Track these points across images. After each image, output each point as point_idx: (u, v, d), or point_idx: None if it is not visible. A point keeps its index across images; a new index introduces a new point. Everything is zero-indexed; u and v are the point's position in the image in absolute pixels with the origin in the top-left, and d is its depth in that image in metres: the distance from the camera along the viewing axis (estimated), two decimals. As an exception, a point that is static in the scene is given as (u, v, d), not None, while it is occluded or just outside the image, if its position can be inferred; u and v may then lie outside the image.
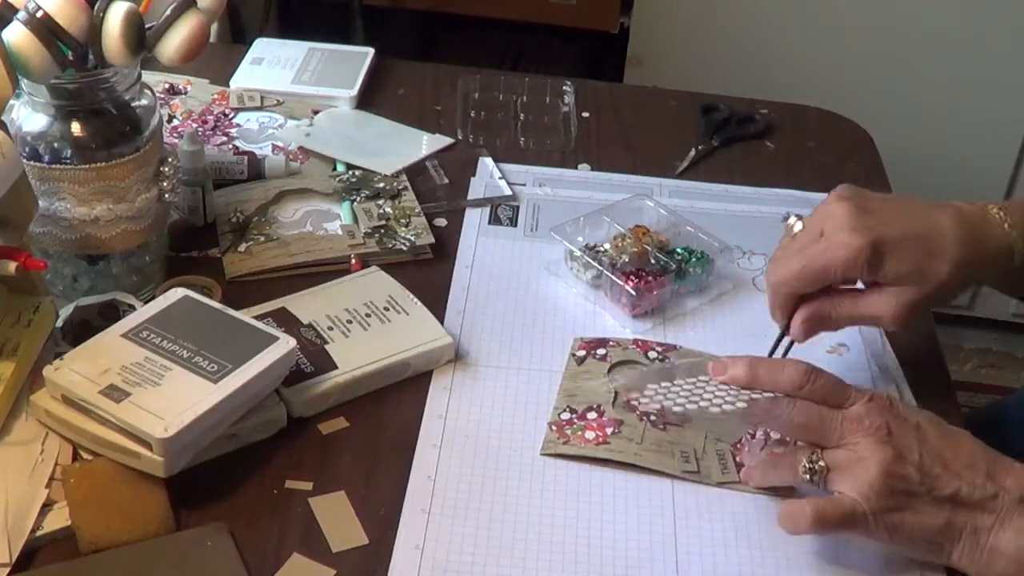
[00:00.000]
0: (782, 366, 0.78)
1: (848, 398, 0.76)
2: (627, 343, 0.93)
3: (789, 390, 0.77)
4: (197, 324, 0.83)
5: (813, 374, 0.76)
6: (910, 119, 2.01)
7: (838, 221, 0.83)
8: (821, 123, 1.28)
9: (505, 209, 1.10)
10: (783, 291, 0.84)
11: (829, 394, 0.76)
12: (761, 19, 2.00)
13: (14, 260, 0.80)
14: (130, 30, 0.82)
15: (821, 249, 0.83)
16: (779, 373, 0.77)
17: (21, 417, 0.81)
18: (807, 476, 0.75)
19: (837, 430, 0.75)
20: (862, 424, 0.74)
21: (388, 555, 0.75)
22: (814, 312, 0.84)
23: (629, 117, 1.26)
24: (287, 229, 1.03)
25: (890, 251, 0.81)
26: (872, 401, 0.76)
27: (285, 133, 1.17)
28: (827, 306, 0.84)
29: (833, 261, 0.82)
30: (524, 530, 0.78)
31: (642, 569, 0.76)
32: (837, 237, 0.82)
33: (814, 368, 0.77)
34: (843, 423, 0.75)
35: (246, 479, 0.80)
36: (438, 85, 1.29)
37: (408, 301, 0.93)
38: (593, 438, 0.84)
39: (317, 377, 0.85)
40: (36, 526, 0.74)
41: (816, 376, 0.76)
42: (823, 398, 0.76)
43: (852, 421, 0.75)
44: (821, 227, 0.84)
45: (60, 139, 0.86)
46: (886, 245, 0.81)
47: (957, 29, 1.96)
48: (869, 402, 0.75)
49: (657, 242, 1.00)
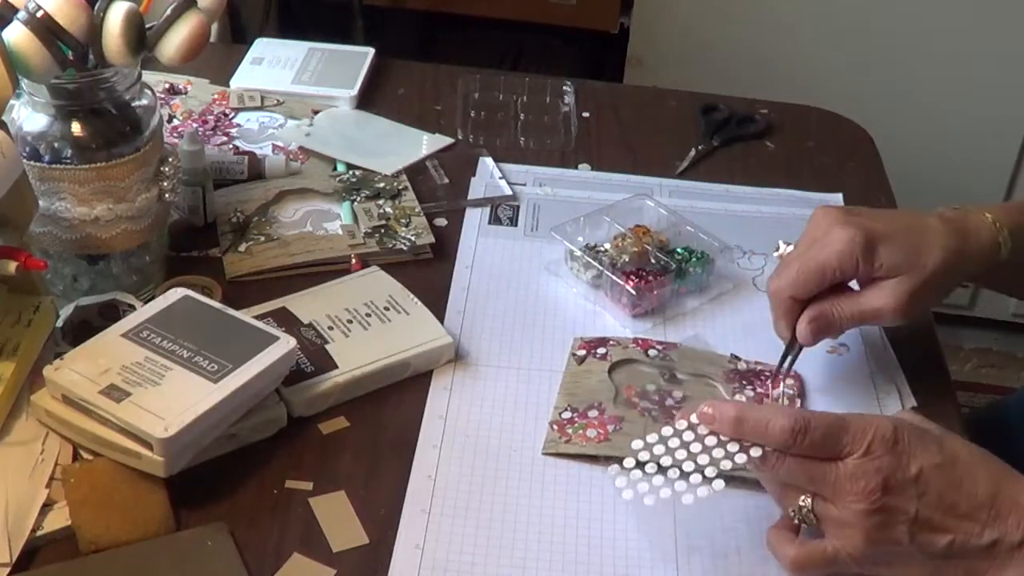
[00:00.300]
0: (768, 420, 0.71)
1: (843, 448, 0.70)
2: (627, 342, 0.93)
3: (777, 447, 0.71)
4: (197, 324, 0.83)
5: (801, 433, 0.70)
6: (910, 119, 2.01)
7: (827, 221, 0.85)
8: (821, 123, 1.28)
9: (505, 209, 1.10)
10: (784, 296, 0.85)
11: (821, 448, 0.70)
12: (761, 19, 2.00)
13: (14, 260, 0.80)
14: (130, 30, 0.82)
15: (815, 249, 0.84)
16: (766, 428, 0.71)
17: (21, 417, 0.81)
18: (795, 519, 0.73)
19: (828, 488, 0.70)
20: (856, 485, 0.69)
21: (388, 555, 0.75)
22: (818, 313, 0.85)
23: (629, 117, 1.26)
24: (287, 229, 1.03)
25: (882, 241, 0.83)
26: (869, 453, 0.69)
27: (285, 133, 1.17)
28: (829, 307, 0.85)
29: (828, 257, 0.83)
30: (524, 530, 0.78)
31: (642, 569, 0.76)
32: (829, 235, 0.84)
33: (804, 422, 0.70)
34: (835, 483, 0.70)
35: (246, 479, 0.80)
36: (438, 85, 1.29)
37: (408, 301, 0.93)
38: (594, 436, 0.84)
39: (317, 377, 0.85)
40: (36, 526, 0.74)
41: (804, 434, 0.70)
42: (815, 453, 0.71)
43: (846, 481, 0.70)
44: (812, 235, 0.85)
45: (60, 139, 0.86)
46: (877, 236, 0.83)
47: (957, 29, 1.96)
48: (866, 455, 0.69)
49: (657, 242, 1.00)
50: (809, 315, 0.85)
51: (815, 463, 0.71)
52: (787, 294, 0.85)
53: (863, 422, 0.71)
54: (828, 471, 0.70)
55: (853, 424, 0.71)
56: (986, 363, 2.28)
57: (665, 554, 0.77)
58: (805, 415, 0.71)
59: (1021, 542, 0.70)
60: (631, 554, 0.77)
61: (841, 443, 0.70)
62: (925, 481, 0.70)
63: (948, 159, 2.04)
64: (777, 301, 0.86)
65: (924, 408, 0.89)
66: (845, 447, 0.70)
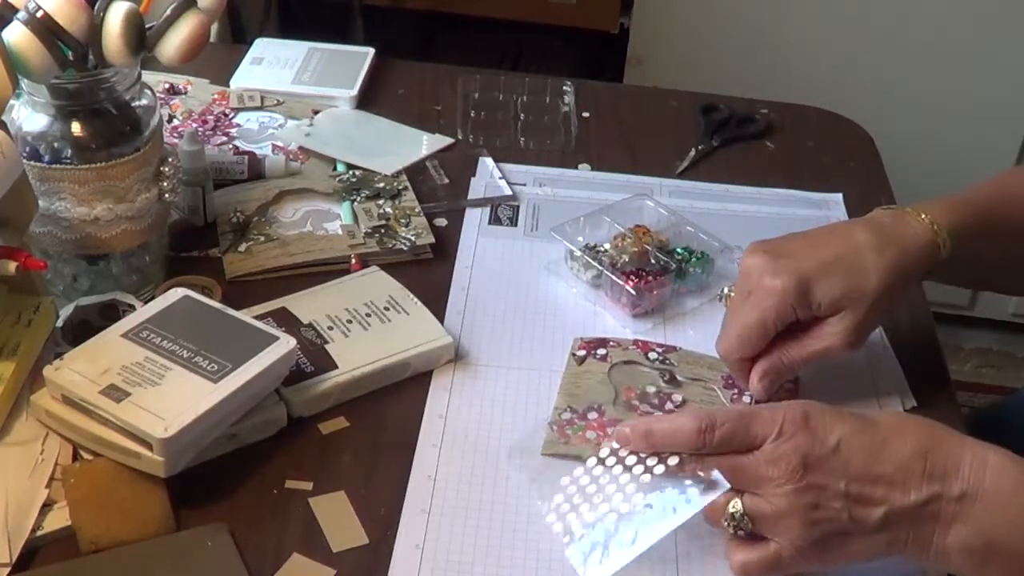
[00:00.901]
0: (676, 427, 0.72)
1: (755, 437, 0.71)
2: (627, 343, 0.93)
3: (690, 450, 0.72)
4: (197, 324, 0.83)
5: (708, 431, 0.71)
6: (910, 119, 2.01)
7: (756, 272, 0.84)
8: (821, 123, 1.28)
9: (505, 209, 1.10)
10: (732, 359, 0.86)
11: (732, 442, 0.71)
12: (761, 19, 2.00)
13: (14, 260, 0.80)
14: (130, 30, 0.82)
15: (750, 306, 0.84)
16: (674, 435, 0.72)
17: (21, 417, 0.81)
18: (731, 529, 0.72)
19: (751, 479, 0.70)
20: (777, 468, 0.69)
21: (388, 555, 0.75)
22: (768, 367, 0.85)
23: (629, 117, 1.26)
24: (287, 229, 1.03)
25: (815, 283, 0.83)
26: (782, 435, 0.70)
27: (285, 133, 1.17)
28: (777, 358, 0.85)
29: (764, 311, 0.83)
30: (524, 530, 0.78)
31: (642, 569, 0.76)
32: (760, 288, 0.83)
33: (710, 420, 0.71)
34: (756, 470, 0.70)
35: (246, 479, 0.80)
36: (438, 85, 1.29)
37: (408, 301, 0.93)
38: (594, 438, 0.84)
39: (317, 377, 0.85)
40: (36, 526, 0.74)
41: (711, 431, 0.71)
42: (728, 449, 0.71)
43: (765, 466, 0.70)
44: (746, 288, 0.85)
45: (60, 139, 0.86)
46: (809, 279, 0.83)
47: (957, 29, 1.96)
48: (779, 437, 0.70)
49: (657, 242, 1.00)
50: (759, 372, 0.85)
51: (732, 457, 0.71)
52: (735, 356, 0.85)
53: (771, 410, 0.72)
54: (746, 461, 0.70)
55: (762, 413, 0.71)
56: (986, 363, 2.29)
57: (664, 554, 0.77)
58: (711, 413, 0.72)
59: (961, 495, 0.69)
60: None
61: (751, 432, 0.71)
62: (846, 450, 0.70)
63: (948, 159, 2.04)
64: (729, 363, 0.87)
65: (924, 408, 0.89)
66: (757, 436, 0.71)
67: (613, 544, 0.73)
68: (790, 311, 0.83)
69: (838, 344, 0.84)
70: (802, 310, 0.83)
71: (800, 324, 0.85)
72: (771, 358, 0.85)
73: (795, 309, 0.83)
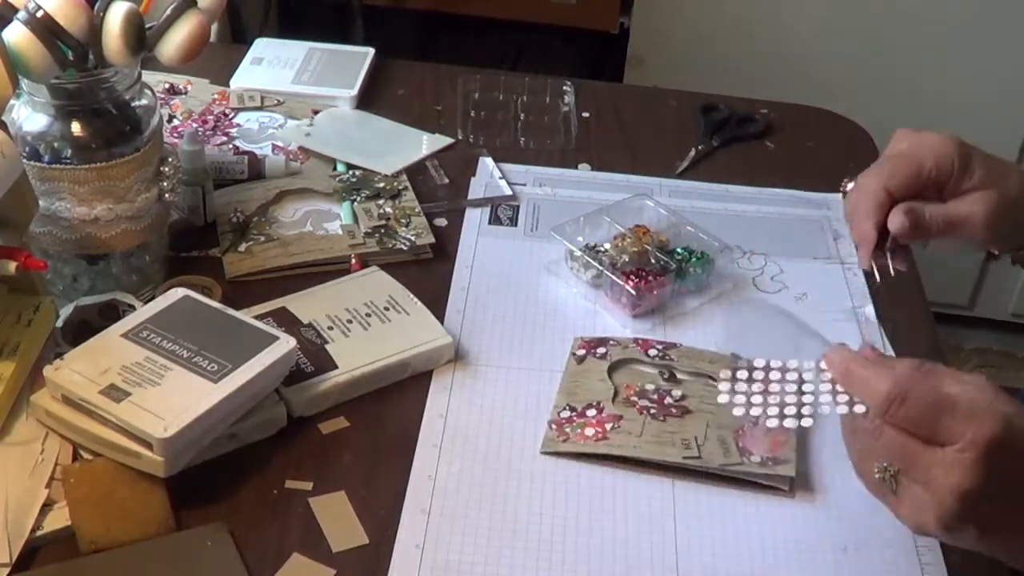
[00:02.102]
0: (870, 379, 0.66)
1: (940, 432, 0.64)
2: (627, 342, 0.93)
3: (874, 410, 0.66)
4: (197, 324, 0.83)
5: (897, 402, 0.65)
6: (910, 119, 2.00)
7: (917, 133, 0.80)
8: (821, 123, 1.29)
9: (505, 209, 1.10)
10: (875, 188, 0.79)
11: (917, 424, 0.65)
12: (761, 19, 2.00)
13: (14, 260, 0.80)
14: (130, 30, 0.82)
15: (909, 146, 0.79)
16: (867, 387, 0.67)
17: (21, 417, 0.81)
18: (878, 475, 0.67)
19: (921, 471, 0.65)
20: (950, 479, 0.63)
21: (388, 555, 0.75)
22: (911, 207, 0.78)
23: (629, 117, 1.26)
24: (287, 229, 1.03)
25: (973, 153, 0.80)
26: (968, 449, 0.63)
27: (285, 133, 1.17)
28: (920, 206, 0.78)
29: (925, 156, 0.78)
30: (524, 530, 0.78)
31: (642, 569, 0.76)
32: (923, 139, 0.79)
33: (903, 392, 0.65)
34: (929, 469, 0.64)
35: (246, 479, 0.80)
36: (438, 85, 1.29)
37: (408, 301, 0.93)
38: (592, 435, 0.84)
39: (317, 377, 0.85)
40: (36, 526, 0.74)
41: (900, 404, 0.65)
42: (911, 428, 0.65)
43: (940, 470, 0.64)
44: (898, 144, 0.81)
45: (60, 139, 0.86)
46: (969, 147, 0.80)
47: (957, 29, 1.96)
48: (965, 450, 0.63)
49: (657, 242, 1.00)
50: (903, 208, 0.78)
51: (912, 441, 0.65)
52: (880, 185, 0.78)
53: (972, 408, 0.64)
54: (923, 456, 0.65)
55: (961, 408, 0.64)
56: (986, 363, 2.28)
57: (664, 554, 0.77)
58: (907, 385, 0.65)
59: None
60: (631, 553, 0.77)
61: (941, 426, 0.64)
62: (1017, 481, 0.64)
63: (948, 159, 2.04)
64: (866, 195, 0.79)
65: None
66: (941, 431, 0.64)
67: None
68: (950, 166, 0.78)
69: (981, 216, 0.79)
70: (959, 172, 0.78)
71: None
72: (914, 203, 0.78)
73: (954, 167, 0.78)
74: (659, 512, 0.80)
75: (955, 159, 0.79)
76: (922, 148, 0.79)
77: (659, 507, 0.80)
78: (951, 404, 0.64)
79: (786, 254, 1.06)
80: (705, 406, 0.86)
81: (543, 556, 0.76)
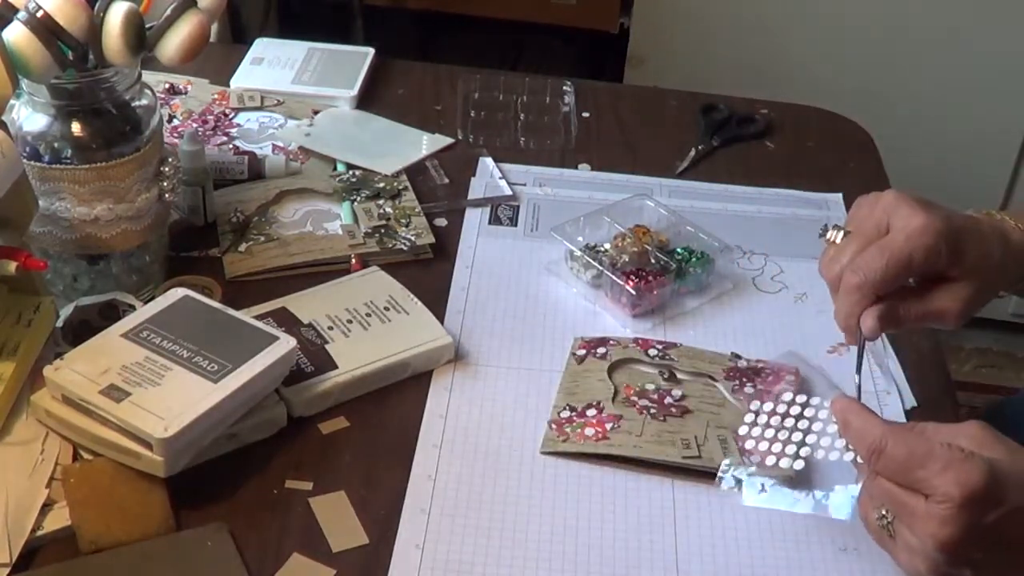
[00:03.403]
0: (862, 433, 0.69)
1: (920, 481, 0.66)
2: (627, 341, 0.93)
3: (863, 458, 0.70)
4: (197, 324, 0.83)
5: (876, 455, 0.68)
6: (910, 120, 2.01)
7: (908, 209, 0.76)
8: (821, 123, 1.29)
9: (505, 209, 1.10)
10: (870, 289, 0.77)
11: (897, 475, 0.67)
12: (761, 19, 2.00)
13: (14, 260, 0.80)
14: (130, 30, 0.82)
15: (901, 239, 0.76)
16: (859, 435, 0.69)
17: (21, 417, 0.81)
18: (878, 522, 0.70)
19: (907, 518, 0.67)
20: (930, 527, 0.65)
21: (388, 555, 0.75)
22: (887, 310, 0.77)
23: (629, 117, 1.26)
24: (287, 229, 1.03)
25: (964, 238, 0.77)
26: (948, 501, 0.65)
27: (285, 133, 1.17)
28: (898, 305, 0.78)
29: (915, 250, 0.75)
30: (524, 530, 0.78)
31: (642, 569, 0.76)
32: (913, 223, 0.76)
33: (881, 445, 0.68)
34: (913, 515, 0.67)
35: (246, 479, 0.80)
36: (438, 85, 1.29)
37: (408, 301, 0.93)
38: (592, 435, 0.84)
39: (317, 377, 0.85)
40: (36, 526, 0.74)
41: (878, 456, 0.68)
42: (894, 478, 0.68)
43: (925, 519, 0.66)
44: (884, 220, 0.78)
45: (60, 139, 0.86)
46: (960, 231, 0.76)
47: (957, 29, 1.96)
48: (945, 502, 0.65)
49: (657, 242, 1.00)
50: (876, 313, 0.77)
51: (898, 490, 0.68)
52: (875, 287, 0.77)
53: (948, 459, 0.66)
54: (909, 503, 0.67)
55: (936, 460, 0.66)
56: (986, 363, 2.28)
57: (665, 554, 0.77)
58: (884, 438, 0.68)
59: None
60: (631, 554, 0.77)
61: (916, 477, 0.66)
62: (1001, 529, 0.66)
63: (948, 159, 2.04)
64: (858, 294, 0.77)
65: (924, 408, 0.89)
66: (921, 484, 0.66)
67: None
68: (937, 257, 0.76)
69: (956, 311, 0.78)
70: (948, 259, 0.76)
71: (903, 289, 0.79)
72: (892, 303, 0.77)
73: (943, 257, 0.76)
74: (659, 512, 0.80)
75: (943, 251, 0.76)
76: (912, 241, 0.75)
77: (659, 507, 0.80)
78: (925, 456, 0.66)
79: (786, 254, 1.05)
80: (705, 406, 0.86)
81: (543, 556, 0.76)
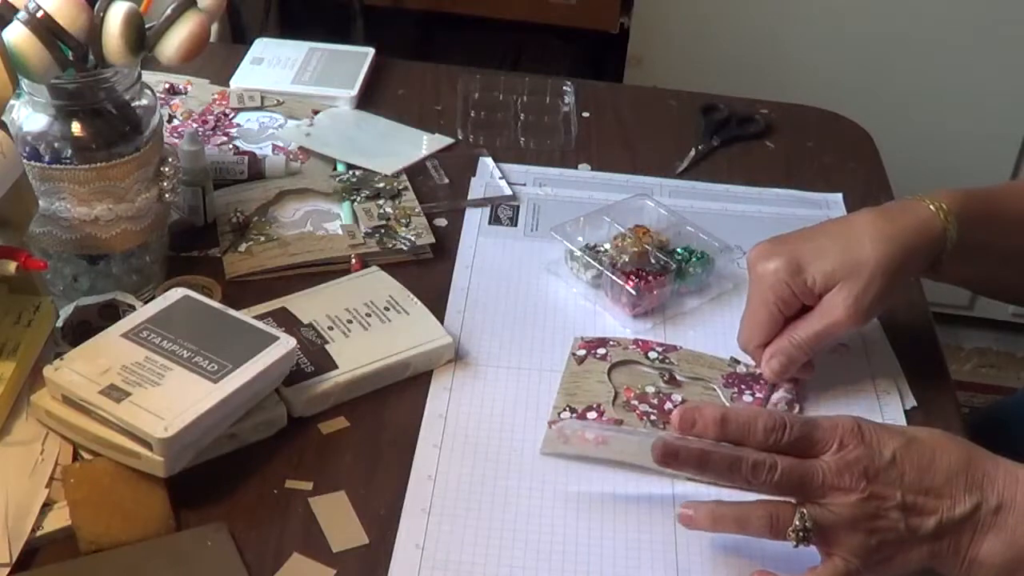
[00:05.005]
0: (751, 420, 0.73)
1: (818, 443, 0.73)
2: (628, 343, 0.93)
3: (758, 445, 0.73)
4: (197, 324, 0.83)
5: (779, 430, 0.73)
6: (910, 119, 2.01)
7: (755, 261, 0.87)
8: (821, 123, 1.28)
9: (505, 209, 1.10)
10: (750, 348, 0.89)
11: (798, 445, 0.73)
12: (761, 19, 2.00)
13: (14, 260, 0.80)
14: (130, 30, 0.82)
15: (753, 293, 0.87)
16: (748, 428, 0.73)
17: (21, 417, 0.81)
18: (794, 541, 0.72)
19: (819, 488, 0.71)
20: (842, 480, 0.71)
21: (388, 555, 0.75)
22: (775, 348, 0.87)
23: (629, 117, 1.26)
24: (287, 229, 1.03)
25: (808, 260, 0.85)
26: (843, 447, 0.72)
27: (285, 133, 1.17)
28: (785, 338, 0.86)
29: (763, 294, 0.86)
30: (524, 530, 0.78)
31: (642, 569, 0.76)
32: (756, 275, 0.87)
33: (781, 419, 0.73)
34: (824, 481, 0.71)
35: (246, 479, 0.80)
36: (438, 85, 1.29)
37: (408, 301, 0.93)
38: (593, 438, 0.84)
39: (317, 377, 0.85)
40: (36, 526, 0.74)
41: (783, 430, 0.73)
42: (793, 451, 0.73)
43: (832, 476, 0.71)
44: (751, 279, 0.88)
45: (60, 139, 0.86)
46: (801, 258, 0.85)
47: (957, 29, 1.96)
48: (841, 448, 0.72)
49: (657, 242, 1.00)
50: (768, 353, 0.87)
51: (803, 462, 0.72)
52: (751, 344, 0.88)
53: (828, 420, 0.74)
54: (815, 470, 0.72)
55: (821, 422, 0.74)
56: (986, 363, 2.29)
57: (665, 554, 0.77)
58: (779, 413, 0.75)
59: (997, 507, 0.72)
60: (631, 554, 0.77)
61: (815, 439, 0.73)
62: (900, 462, 0.72)
63: (948, 159, 2.04)
64: (749, 353, 0.90)
65: (924, 408, 0.89)
66: (818, 443, 0.73)
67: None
68: (785, 289, 0.85)
69: (841, 317, 0.85)
70: (799, 288, 0.85)
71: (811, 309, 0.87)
72: (780, 340, 0.86)
73: (791, 287, 0.85)
74: (659, 512, 0.80)
75: (787, 280, 0.85)
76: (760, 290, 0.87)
77: (659, 507, 0.80)
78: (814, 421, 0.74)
79: (786, 254, 1.05)
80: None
81: (543, 556, 0.76)
